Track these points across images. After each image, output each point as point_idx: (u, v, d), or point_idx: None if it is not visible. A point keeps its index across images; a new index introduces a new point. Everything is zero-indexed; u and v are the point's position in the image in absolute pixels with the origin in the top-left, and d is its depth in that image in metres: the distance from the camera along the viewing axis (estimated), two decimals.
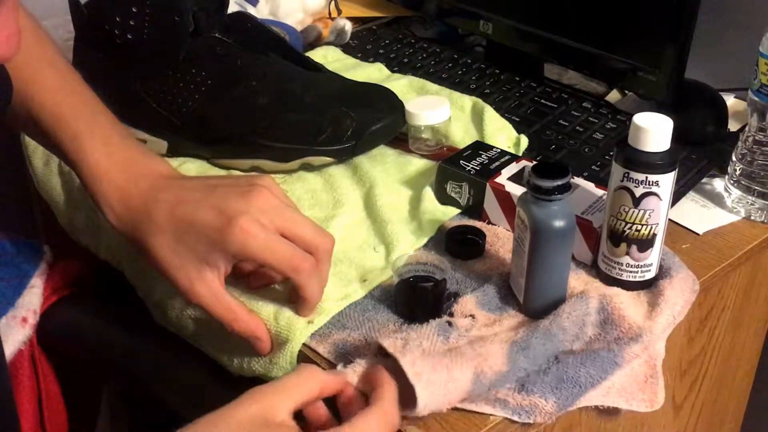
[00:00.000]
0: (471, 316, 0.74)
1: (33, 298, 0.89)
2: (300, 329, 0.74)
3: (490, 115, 1.01)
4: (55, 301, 0.91)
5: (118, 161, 0.75)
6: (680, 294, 0.77)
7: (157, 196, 0.73)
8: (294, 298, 0.75)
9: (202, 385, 0.84)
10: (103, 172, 0.75)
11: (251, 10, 1.20)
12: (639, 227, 0.76)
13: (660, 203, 0.75)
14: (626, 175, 0.74)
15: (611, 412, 0.74)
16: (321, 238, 0.73)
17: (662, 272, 0.79)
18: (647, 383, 0.74)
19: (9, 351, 0.86)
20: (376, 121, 0.94)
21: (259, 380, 0.78)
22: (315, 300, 0.74)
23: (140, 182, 0.74)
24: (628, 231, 0.76)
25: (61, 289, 0.92)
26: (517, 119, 1.03)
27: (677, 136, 0.74)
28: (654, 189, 0.74)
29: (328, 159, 0.93)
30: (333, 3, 1.27)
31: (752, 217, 0.91)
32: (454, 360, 0.66)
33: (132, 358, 0.89)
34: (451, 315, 0.74)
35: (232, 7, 1.08)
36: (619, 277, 0.78)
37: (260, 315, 0.76)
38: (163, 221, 0.72)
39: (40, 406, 0.91)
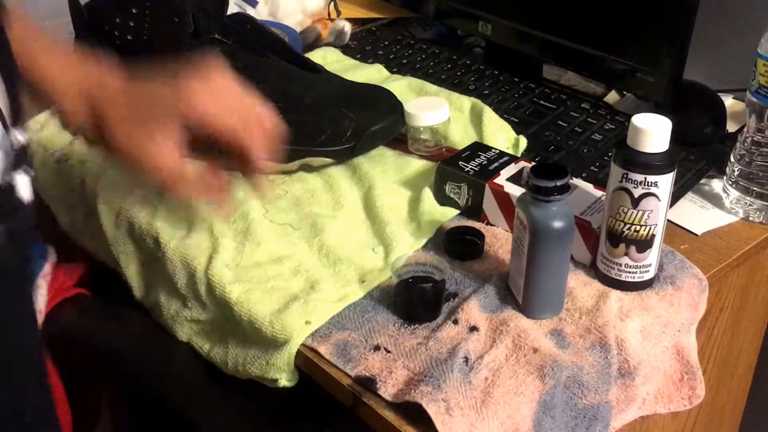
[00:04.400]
0: (474, 327, 0.74)
1: (38, 298, 0.88)
2: (298, 330, 0.74)
3: (489, 116, 1.01)
4: (59, 302, 0.91)
5: (78, 66, 0.79)
6: (688, 309, 0.78)
7: (114, 83, 0.77)
8: (242, 166, 0.78)
9: (205, 387, 0.84)
10: (62, 74, 0.78)
11: (251, 11, 1.21)
12: (638, 228, 0.76)
13: (659, 204, 0.75)
14: (625, 175, 0.74)
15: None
16: (263, 108, 0.77)
17: (668, 280, 0.80)
18: (683, 381, 0.75)
19: None
20: (376, 122, 0.94)
21: (256, 382, 0.78)
22: (261, 162, 0.77)
23: (101, 78, 0.78)
24: (626, 232, 0.76)
25: (66, 290, 0.92)
26: (516, 120, 1.03)
27: (676, 137, 0.74)
28: (653, 190, 0.74)
29: (328, 160, 0.94)
30: (332, 4, 1.27)
31: (750, 218, 0.91)
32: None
33: (134, 360, 0.88)
34: (456, 322, 0.74)
35: (232, 9, 1.08)
36: (617, 277, 0.79)
37: (258, 315, 0.76)
38: (119, 101, 0.75)
39: None
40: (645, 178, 0.73)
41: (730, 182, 0.92)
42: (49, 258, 0.92)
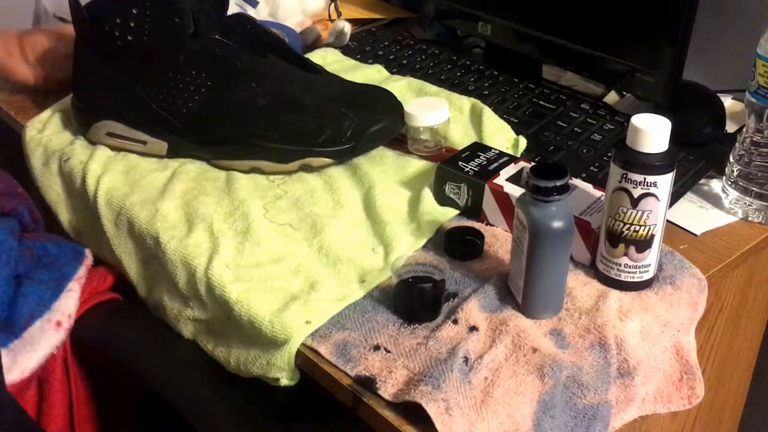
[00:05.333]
0: (474, 327, 0.74)
1: (69, 302, 0.87)
2: (298, 330, 0.74)
3: (489, 116, 1.01)
4: (91, 306, 0.90)
5: None
6: (688, 308, 0.79)
7: None
8: None
9: (207, 387, 0.84)
10: None
11: (251, 11, 1.21)
12: (637, 228, 0.76)
13: (658, 204, 0.75)
14: (624, 176, 0.74)
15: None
16: None
17: (667, 280, 0.80)
18: (683, 381, 0.75)
19: (41, 354, 0.84)
20: (375, 123, 0.94)
21: (257, 381, 0.79)
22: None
23: None
24: (626, 232, 0.76)
25: (99, 294, 0.91)
26: (516, 120, 1.03)
27: (675, 138, 0.74)
28: (652, 190, 0.74)
29: (328, 160, 0.94)
30: (332, 5, 1.27)
31: (749, 218, 0.91)
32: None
33: (146, 363, 0.87)
34: (456, 322, 0.75)
35: (232, 9, 1.08)
36: (617, 277, 0.79)
37: (258, 315, 0.76)
38: None
39: (71, 411, 0.90)
40: (644, 179, 0.74)
41: (729, 182, 0.92)
42: (85, 261, 0.91)
